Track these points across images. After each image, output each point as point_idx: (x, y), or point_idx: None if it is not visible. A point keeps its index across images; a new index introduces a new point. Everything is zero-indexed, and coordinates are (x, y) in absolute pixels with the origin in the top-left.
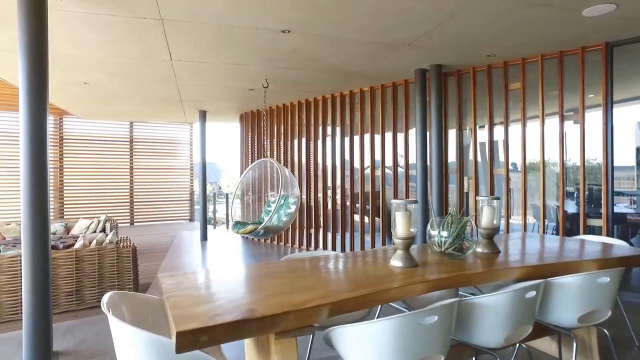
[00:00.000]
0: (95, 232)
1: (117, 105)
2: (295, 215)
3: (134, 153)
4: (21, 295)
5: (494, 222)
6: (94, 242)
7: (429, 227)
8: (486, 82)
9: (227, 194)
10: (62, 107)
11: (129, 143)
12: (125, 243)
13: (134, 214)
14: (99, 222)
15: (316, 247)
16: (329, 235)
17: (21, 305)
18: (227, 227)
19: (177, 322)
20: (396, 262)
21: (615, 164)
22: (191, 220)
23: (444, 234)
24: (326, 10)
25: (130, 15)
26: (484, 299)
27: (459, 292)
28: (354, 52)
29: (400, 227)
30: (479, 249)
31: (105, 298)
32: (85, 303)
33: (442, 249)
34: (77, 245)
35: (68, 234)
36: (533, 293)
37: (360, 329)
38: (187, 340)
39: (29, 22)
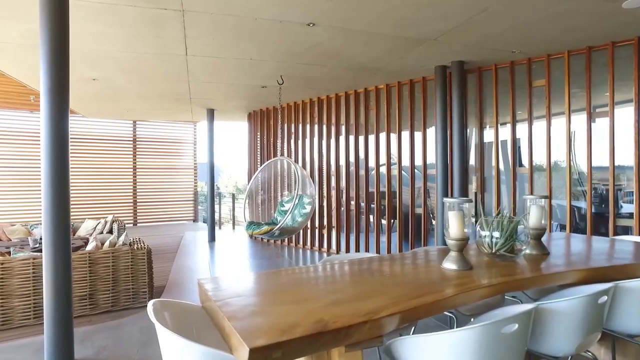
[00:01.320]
0: (102, 233)
1: (124, 103)
2: (311, 216)
3: (137, 152)
4: (33, 299)
5: (542, 221)
6: (107, 243)
7: (477, 227)
8: (509, 79)
9: (232, 194)
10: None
11: (132, 142)
12: (139, 245)
13: (137, 214)
14: (105, 222)
15: (328, 248)
16: (343, 236)
17: (33, 310)
18: (233, 228)
19: (246, 337)
20: (450, 264)
21: None
22: (195, 220)
23: (496, 234)
24: (356, 3)
25: (150, 5)
26: (558, 304)
27: (505, 297)
28: (377, 47)
29: (453, 228)
30: (527, 250)
31: (150, 306)
32: (99, 307)
33: (493, 250)
34: (90, 247)
35: (74, 235)
36: (605, 298)
37: (439, 339)
38: (260, 357)
39: (50, 19)
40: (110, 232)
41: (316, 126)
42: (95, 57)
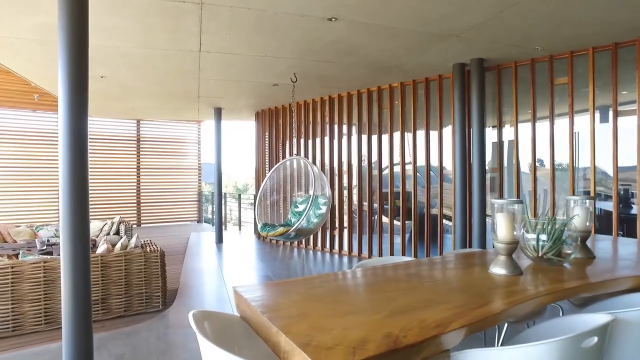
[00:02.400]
0: (109, 234)
1: (130, 102)
2: (327, 217)
3: (140, 152)
4: (44, 304)
5: (587, 223)
6: (118, 246)
7: (522, 229)
8: (529, 77)
9: (239, 195)
10: None
11: (136, 142)
12: (152, 247)
13: (141, 215)
14: (112, 223)
15: (340, 249)
16: (355, 237)
17: (44, 316)
18: (240, 229)
19: (318, 358)
20: (499, 269)
21: None
22: (198, 221)
23: (543, 237)
24: None
25: None
26: (634, 314)
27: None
28: (397, 43)
29: (502, 230)
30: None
31: (192, 317)
32: (112, 312)
33: (540, 254)
34: (101, 249)
35: None
36: None
37: (514, 353)
38: None
39: (69, 13)
40: (117, 233)
41: (327, 125)
42: (105, 54)
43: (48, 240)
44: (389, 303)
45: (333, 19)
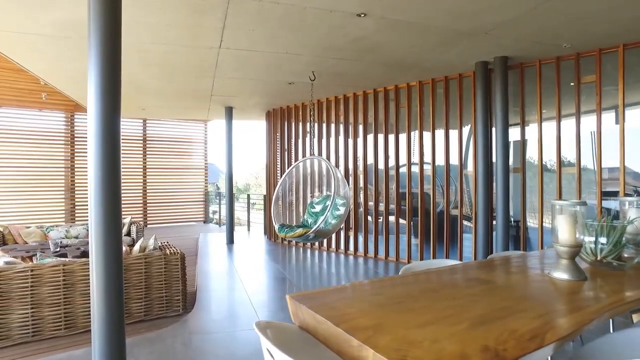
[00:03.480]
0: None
1: (140, 100)
2: (345, 218)
3: (147, 152)
4: (64, 309)
5: None
6: (136, 248)
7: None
8: (554, 75)
9: (248, 195)
10: (81, 101)
11: (142, 141)
12: (171, 249)
13: (148, 215)
14: (123, 224)
15: (355, 250)
16: (370, 238)
17: (64, 320)
18: (249, 230)
19: None
20: (561, 273)
21: None
22: (205, 222)
23: (602, 240)
24: None
25: None
26: None
27: None
28: (423, 41)
29: (564, 233)
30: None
31: (256, 327)
32: (132, 317)
33: (598, 258)
34: None
35: None
36: None
37: None
38: None
39: (101, 8)
40: (128, 234)
41: (341, 125)
42: (123, 50)
43: (60, 242)
44: (464, 311)
45: (362, 15)
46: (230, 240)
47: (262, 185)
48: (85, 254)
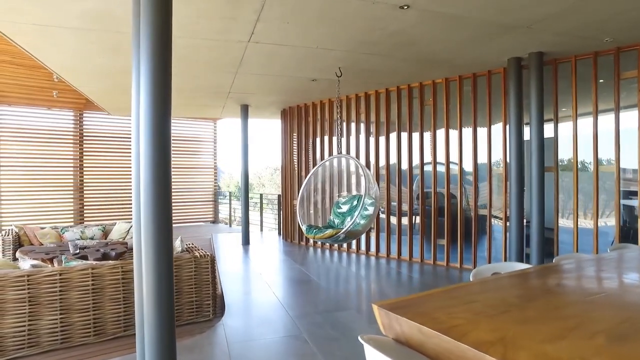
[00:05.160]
0: None
1: None
2: (374, 218)
3: None
4: (93, 314)
5: None
6: None
7: None
8: (591, 71)
9: (261, 195)
10: (94, 99)
11: None
12: (201, 252)
13: None
14: None
15: (377, 251)
16: (393, 239)
17: (93, 327)
18: (261, 230)
19: None
20: None
21: None
22: (214, 222)
23: None
24: None
25: None
26: None
27: None
28: (460, 35)
29: None
30: None
31: (364, 341)
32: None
33: None
34: None
35: (106, 238)
36: None
37: None
38: None
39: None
40: None
41: (362, 123)
42: None
43: (79, 243)
44: (585, 322)
45: (405, 7)
46: (246, 241)
47: (266, 185)
48: (106, 256)
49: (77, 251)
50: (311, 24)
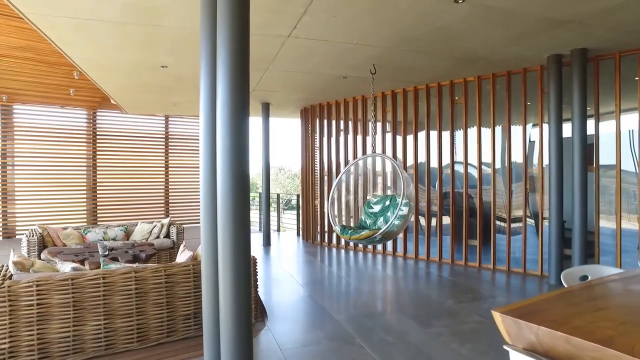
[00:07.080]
0: (158, 237)
1: (176, 95)
2: (409, 218)
3: (169, 150)
4: (136, 320)
5: None
6: (199, 251)
7: None
8: (636, 67)
9: (278, 195)
10: (115, 96)
11: (164, 139)
12: None
13: (170, 214)
14: (162, 225)
15: (405, 252)
16: (422, 240)
17: (137, 332)
18: (278, 231)
19: None
20: None
21: None
22: None
23: None
24: None
25: None
26: None
27: None
28: (506, 30)
29: None
30: None
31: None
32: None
33: None
34: (185, 257)
35: (128, 239)
36: None
37: None
38: None
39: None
40: (167, 236)
41: (389, 122)
42: (177, 38)
43: (108, 245)
44: None
45: (461, 1)
46: (267, 242)
47: (270, 185)
48: (137, 258)
49: (107, 253)
50: (357, 18)
